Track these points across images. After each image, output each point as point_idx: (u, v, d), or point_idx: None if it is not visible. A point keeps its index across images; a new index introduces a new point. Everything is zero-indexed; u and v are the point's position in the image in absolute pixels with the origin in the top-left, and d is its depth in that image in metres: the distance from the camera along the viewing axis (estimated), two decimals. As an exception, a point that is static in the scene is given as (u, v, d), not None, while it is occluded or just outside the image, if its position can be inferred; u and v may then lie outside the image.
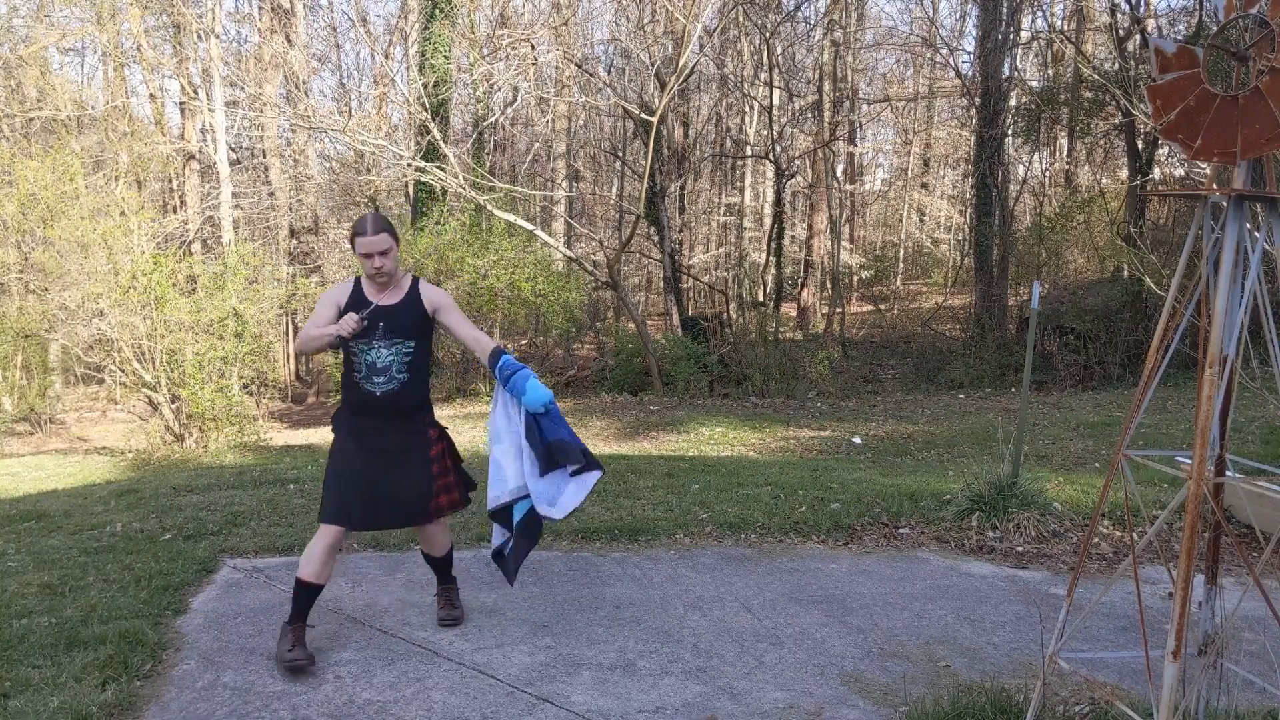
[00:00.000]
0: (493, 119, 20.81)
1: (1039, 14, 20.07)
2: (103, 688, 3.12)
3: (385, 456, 3.50)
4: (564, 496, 3.45)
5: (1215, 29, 2.18)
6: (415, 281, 3.59)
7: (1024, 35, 19.52)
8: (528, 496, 3.45)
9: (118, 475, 9.37)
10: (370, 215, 3.48)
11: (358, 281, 3.56)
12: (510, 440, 3.49)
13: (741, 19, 20.45)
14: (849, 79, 25.36)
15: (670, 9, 16.44)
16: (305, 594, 3.42)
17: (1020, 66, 21.48)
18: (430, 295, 3.55)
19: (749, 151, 24.40)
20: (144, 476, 8.38)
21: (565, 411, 3.82)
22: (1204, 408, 2.15)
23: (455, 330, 3.58)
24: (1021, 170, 21.15)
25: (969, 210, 23.02)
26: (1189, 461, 2.21)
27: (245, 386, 13.92)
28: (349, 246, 3.48)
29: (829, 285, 23.96)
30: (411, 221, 17.50)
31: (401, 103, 17.31)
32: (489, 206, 15.46)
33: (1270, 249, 2.18)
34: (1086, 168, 21.35)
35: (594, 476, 3.46)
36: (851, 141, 27.97)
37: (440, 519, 3.69)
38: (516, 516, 3.50)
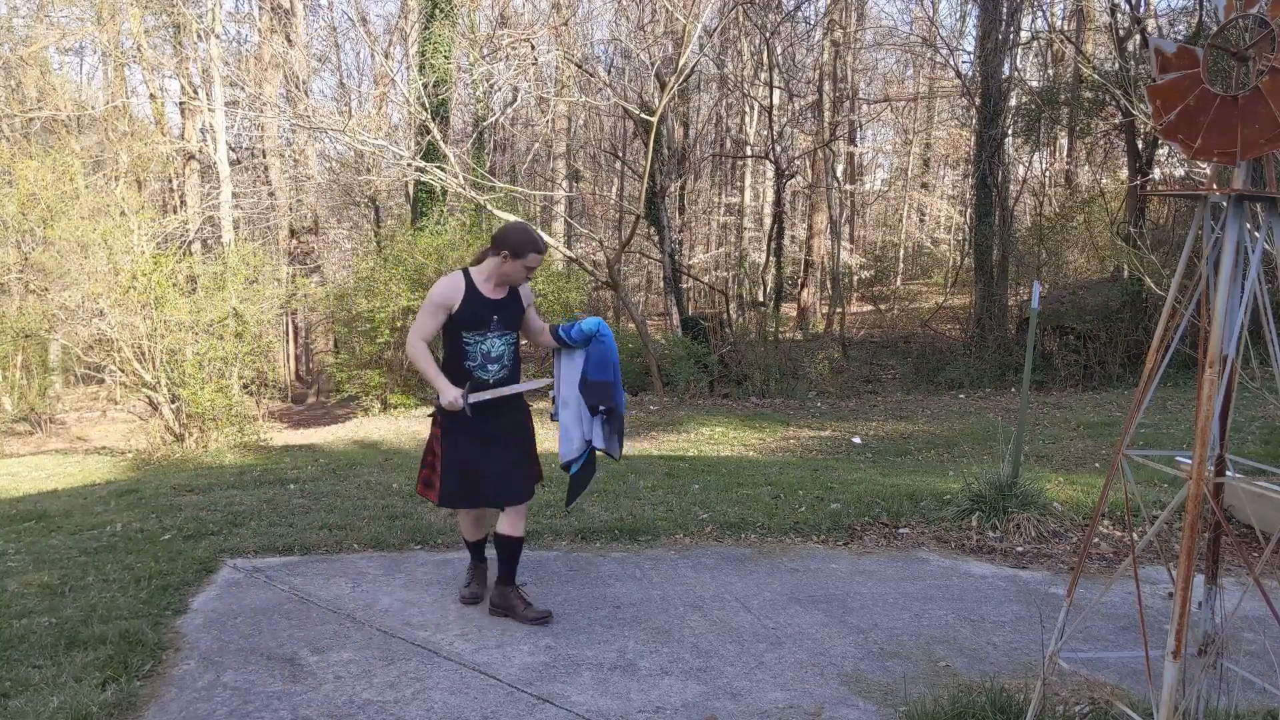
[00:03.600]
0: (493, 119, 20.82)
1: (1039, 14, 20.06)
2: (103, 688, 3.12)
3: (494, 439, 3.78)
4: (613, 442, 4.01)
5: (1215, 29, 2.18)
6: None
7: (1024, 35, 19.50)
8: (582, 456, 3.96)
9: (118, 475, 9.37)
10: (535, 231, 3.75)
11: (467, 275, 3.77)
12: (575, 404, 3.92)
13: (741, 19, 20.44)
14: (849, 79, 25.36)
15: (670, 9, 16.43)
16: (475, 550, 4.07)
17: (1020, 66, 21.48)
18: (525, 292, 3.91)
19: (749, 151, 24.40)
20: (144, 476, 8.39)
21: None
22: (1204, 408, 2.15)
23: (532, 321, 3.97)
24: (1021, 170, 21.14)
25: (969, 210, 23.02)
26: (1189, 461, 2.21)
27: (245, 386, 13.92)
28: (518, 254, 3.68)
29: (829, 285, 23.96)
30: (411, 221, 17.52)
31: (401, 103, 17.30)
32: (489, 206, 15.46)
33: (1270, 249, 2.18)
34: (1086, 168, 21.33)
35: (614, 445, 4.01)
36: (851, 141, 27.96)
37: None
38: (573, 470, 3.99)
